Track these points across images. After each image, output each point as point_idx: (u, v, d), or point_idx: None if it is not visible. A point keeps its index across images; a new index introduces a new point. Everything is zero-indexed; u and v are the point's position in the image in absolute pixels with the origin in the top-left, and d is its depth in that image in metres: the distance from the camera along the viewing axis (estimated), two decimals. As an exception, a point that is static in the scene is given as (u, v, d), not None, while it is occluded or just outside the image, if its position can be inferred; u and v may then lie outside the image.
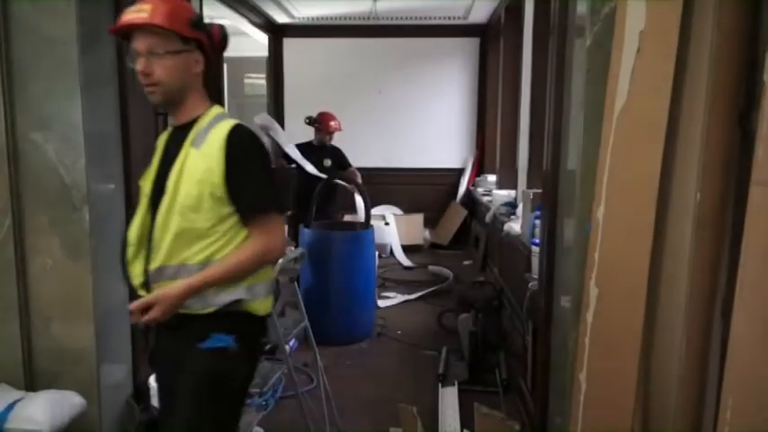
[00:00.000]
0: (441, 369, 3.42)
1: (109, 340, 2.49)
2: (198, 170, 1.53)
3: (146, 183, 1.64)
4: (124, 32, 1.56)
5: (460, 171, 7.72)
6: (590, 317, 1.86)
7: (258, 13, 6.86)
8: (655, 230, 1.77)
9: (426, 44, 7.55)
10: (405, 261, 6.37)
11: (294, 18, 7.27)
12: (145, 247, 1.60)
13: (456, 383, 3.24)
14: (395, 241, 6.54)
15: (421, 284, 5.43)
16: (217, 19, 6.32)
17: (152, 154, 1.66)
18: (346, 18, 7.19)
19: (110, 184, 2.50)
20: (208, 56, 1.62)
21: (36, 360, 2.40)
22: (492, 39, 7.19)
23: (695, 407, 1.73)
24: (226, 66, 3.62)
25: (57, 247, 2.34)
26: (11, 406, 2.13)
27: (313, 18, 7.31)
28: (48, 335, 2.39)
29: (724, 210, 1.66)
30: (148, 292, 1.57)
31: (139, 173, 1.68)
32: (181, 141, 1.58)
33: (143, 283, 1.60)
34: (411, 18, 7.20)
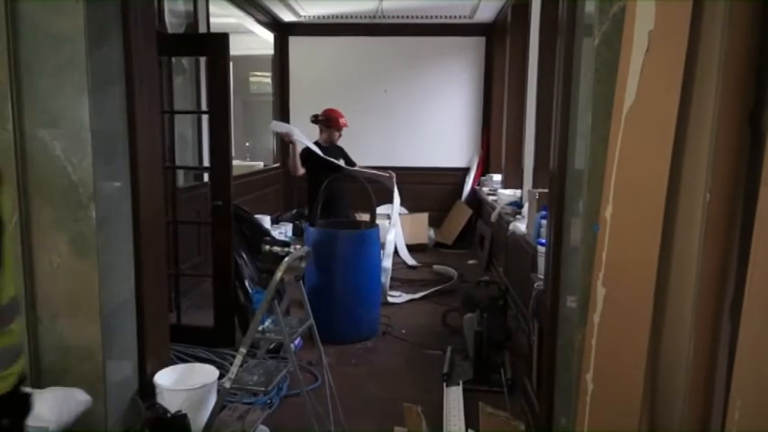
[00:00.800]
0: (445, 368, 3.41)
1: (115, 337, 2.50)
2: None
3: None
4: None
5: (466, 170, 7.71)
6: (597, 318, 1.85)
7: (264, 12, 6.87)
8: (663, 231, 1.76)
9: (432, 43, 7.55)
10: (409, 260, 6.37)
11: (300, 16, 7.28)
12: None
13: (461, 383, 3.23)
14: (400, 240, 6.53)
15: (425, 284, 5.42)
16: (223, 17, 6.37)
17: (157, 153, 1.60)
18: (352, 17, 7.19)
19: (116, 182, 2.50)
20: None
21: (43, 357, 2.42)
22: (498, 38, 7.18)
23: (703, 408, 1.72)
24: (231, 64, 3.61)
25: (63, 245, 2.35)
26: (17, 402, 2.13)
27: (319, 17, 7.32)
28: (54, 332, 2.40)
29: (733, 210, 1.65)
30: None
31: (146, 171, 1.67)
32: None
33: None
34: (417, 17, 7.20)
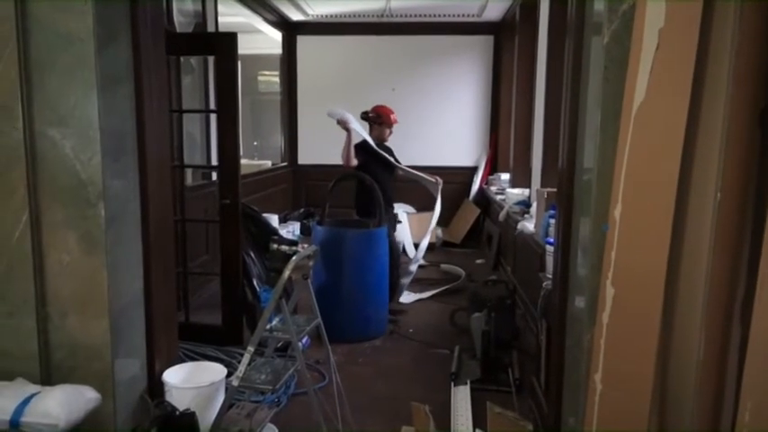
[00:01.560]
0: (453, 368, 3.41)
1: (124, 335, 2.51)
2: None
3: None
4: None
5: (474, 169, 7.70)
6: (606, 317, 1.84)
7: (272, 11, 6.88)
8: (673, 230, 1.75)
9: (440, 42, 7.54)
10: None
11: (308, 15, 7.29)
12: None
13: (468, 382, 3.22)
14: (407, 240, 6.53)
15: (433, 283, 5.42)
16: (231, 16, 6.39)
17: (166, 151, 1.59)
18: (360, 15, 7.20)
19: (125, 181, 2.51)
20: None
21: (52, 354, 2.43)
22: (506, 36, 7.16)
23: (713, 409, 1.71)
24: (240, 63, 3.62)
25: (73, 243, 2.36)
26: (27, 400, 2.14)
27: (327, 15, 7.32)
28: (63, 329, 2.41)
29: (744, 209, 1.63)
30: None
31: (155, 169, 1.68)
32: None
33: None
34: (425, 15, 7.19)
